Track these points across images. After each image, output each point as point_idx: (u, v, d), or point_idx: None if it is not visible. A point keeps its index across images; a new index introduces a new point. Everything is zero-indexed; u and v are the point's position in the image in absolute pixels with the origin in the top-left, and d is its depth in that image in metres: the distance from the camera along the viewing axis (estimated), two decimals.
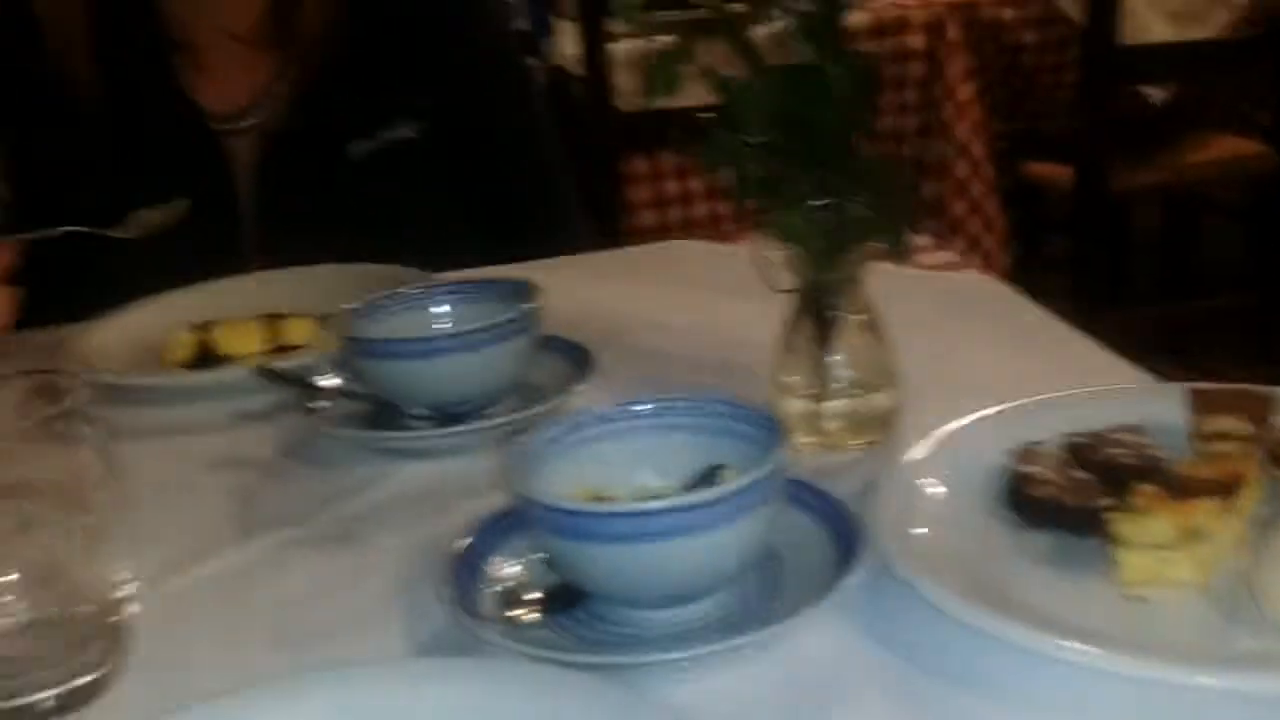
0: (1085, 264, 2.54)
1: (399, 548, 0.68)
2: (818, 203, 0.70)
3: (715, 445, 0.61)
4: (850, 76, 0.69)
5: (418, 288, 0.85)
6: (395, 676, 0.54)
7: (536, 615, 0.57)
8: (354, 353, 0.79)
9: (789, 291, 0.74)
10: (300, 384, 0.81)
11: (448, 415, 0.79)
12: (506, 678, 0.53)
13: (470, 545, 0.61)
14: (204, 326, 0.95)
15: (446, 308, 0.83)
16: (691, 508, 0.54)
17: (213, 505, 0.75)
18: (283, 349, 0.94)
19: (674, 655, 0.55)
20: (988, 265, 2.43)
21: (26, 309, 0.91)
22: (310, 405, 0.79)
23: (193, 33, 1.19)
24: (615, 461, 0.61)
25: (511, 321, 0.78)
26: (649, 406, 0.62)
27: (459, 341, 0.77)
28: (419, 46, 1.22)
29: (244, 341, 0.94)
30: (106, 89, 1.15)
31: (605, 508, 0.56)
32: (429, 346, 0.78)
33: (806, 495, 0.62)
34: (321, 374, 0.81)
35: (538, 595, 0.58)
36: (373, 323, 0.81)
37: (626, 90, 2.38)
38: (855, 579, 0.56)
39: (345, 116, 1.19)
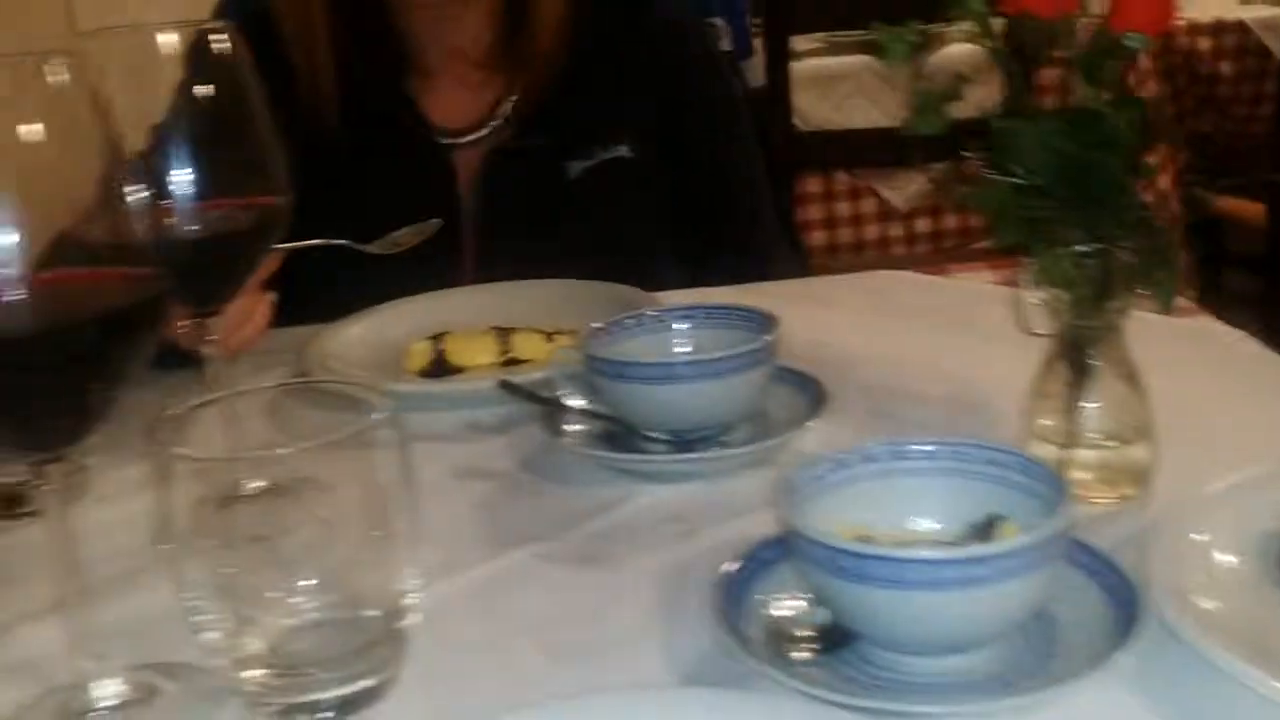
0: (1275, 302, 2.44)
1: (649, 570, 0.69)
2: (1087, 248, 0.69)
3: (991, 493, 0.60)
4: (1131, 120, 0.67)
5: (657, 310, 0.86)
6: (671, 703, 0.54)
7: (807, 652, 0.57)
8: (596, 373, 0.80)
9: (1046, 335, 0.73)
10: (544, 401, 0.83)
11: (684, 440, 0.80)
12: (781, 713, 0.53)
13: (736, 574, 0.62)
14: (438, 337, 0.98)
15: (686, 332, 0.84)
16: (978, 560, 0.54)
17: (461, 516, 0.77)
18: (512, 362, 0.96)
19: (950, 708, 0.54)
20: None
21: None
22: (556, 423, 0.81)
23: (427, 55, 1.24)
24: (885, 501, 0.61)
25: (755, 351, 0.78)
26: (923, 447, 0.62)
27: (703, 369, 0.78)
28: (636, 69, 1.25)
29: (476, 353, 0.97)
30: (345, 103, 1.20)
31: (889, 551, 0.56)
32: (672, 372, 0.79)
33: (1076, 551, 0.61)
34: (561, 391, 0.83)
35: (808, 632, 0.58)
36: (613, 343, 0.83)
37: (803, 109, 2.38)
38: (1138, 646, 0.55)
39: (565, 135, 1.22)
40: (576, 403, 0.82)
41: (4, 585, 0.72)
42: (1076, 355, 0.72)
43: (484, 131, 1.23)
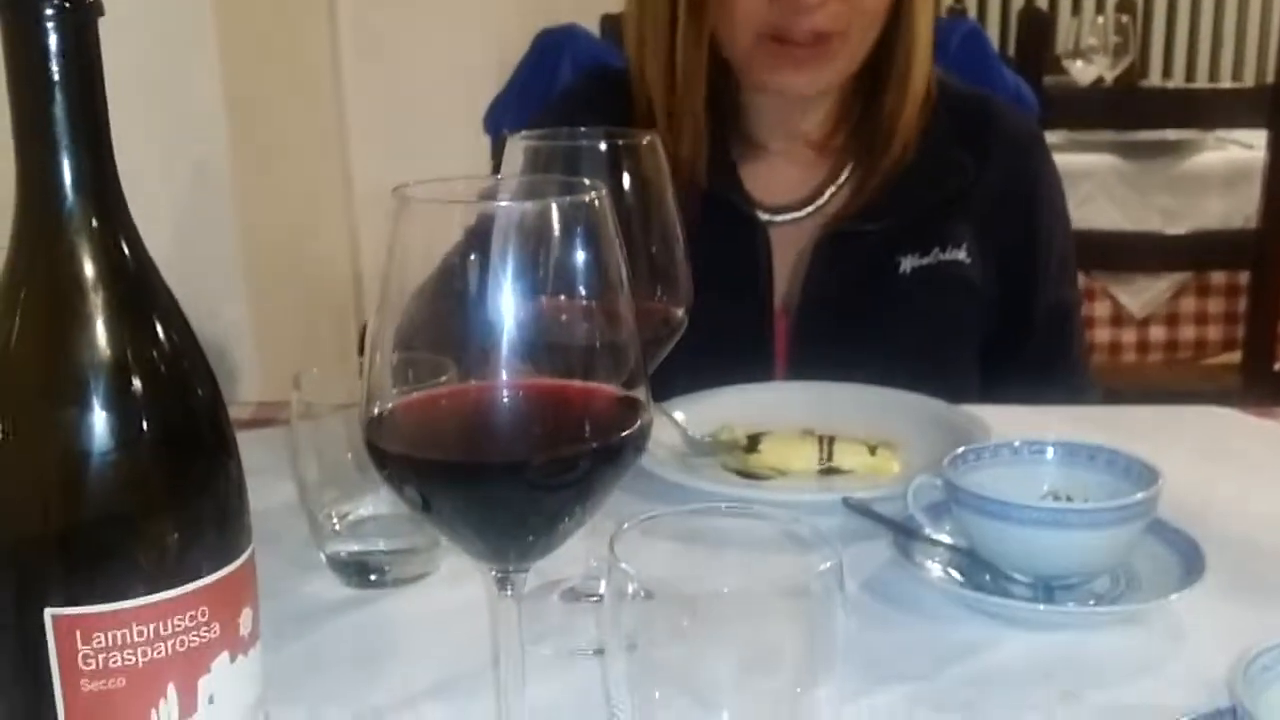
0: None
1: None
2: None
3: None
4: None
5: (1019, 441, 0.82)
6: None
7: None
8: (963, 505, 0.77)
9: None
10: (899, 528, 0.80)
11: (1046, 584, 0.77)
12: None
13: None
14: (756, 437, 0.97)
15: (1050, 470, 0.81)
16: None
17: None
18: (831, 471, 0.94)
19: None
20: None
21: None
22: (908, 549, 0.79)
23: (767, 132, 1.22)
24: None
25: (1142, 503, 0.74)
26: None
27: (1088, 518, 0.74)
28: (985, 179, 1.20)
29: (794, 458, 0.95)
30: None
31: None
32: (1059, 518, 0.75)
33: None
34: (914, 517, 0.80)
35: None
36: (971, 473, 0.80)
37: None
38: None
39: (905, 226, 1.18)
40: (941, 536, 0.79)
41: (371, 663, 0.73)
42: None
43: (808, 210, 1.21)
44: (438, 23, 2.49)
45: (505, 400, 0.50)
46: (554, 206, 0.48)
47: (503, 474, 0.49)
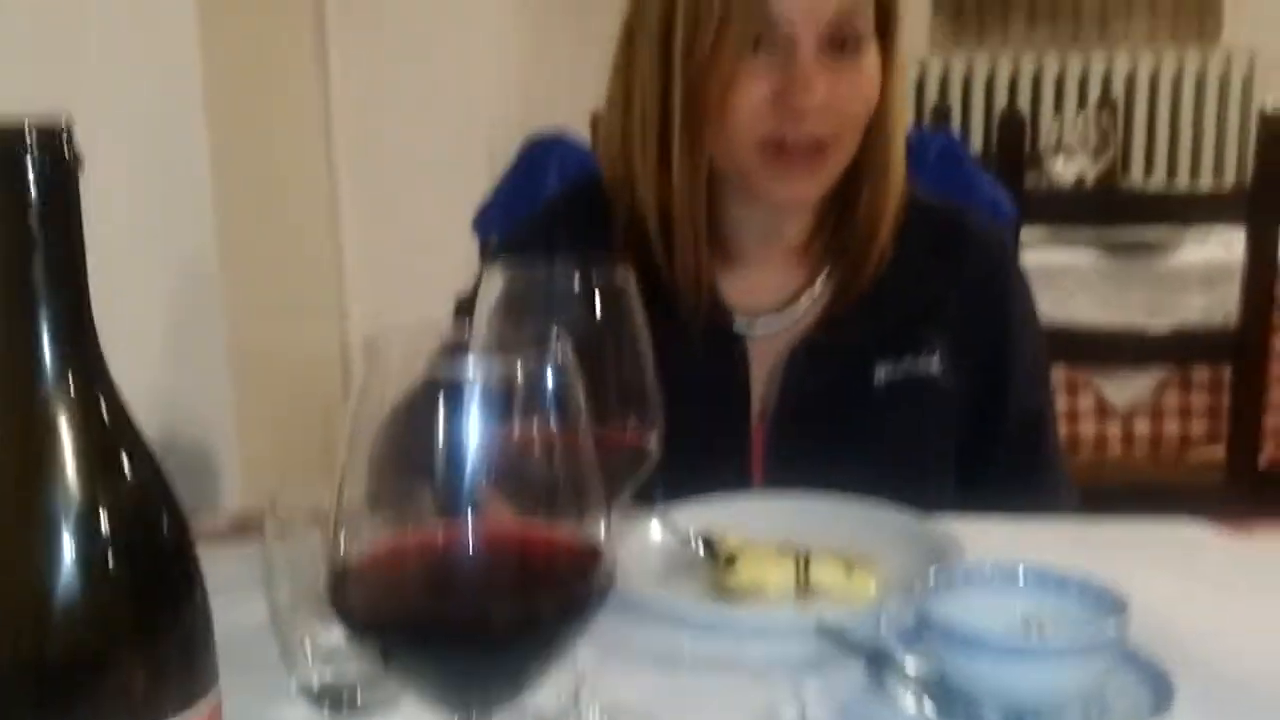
0: None
1: None
2: None
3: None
4: None
5: (990, 567, 0.83)
6: None
7: None
8: (936, 635, 0.78)
9: None
10: (871, 657, 0.80)
11: (1015, 714, 0.77)
12: None
13: None
14: (732, 558, 0.97)
15: (1019, 599, 0.81)
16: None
17: None
18: (807, 590, 0.95)
19: None
20: None
21: None
22: (880, 676, 0.79)
23: (748, 243, 1.23)
24: None
25: (1106, 638, 0.75)
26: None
27: (1061, 653, 0.75)
28: (957, 286, 1.23)
29: (770, 575, 0.95)
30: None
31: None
32: (1031, 652, 0.75)
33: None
34: (887, 643, 0.80)
35: None
36: (942, 600, 0.80)
37: None
38: None
39: (877, 336, 1.20)
40: (912, 666, 0.79)
41: None
42: None
43: (783, 319, 1.22)
44: (431, 120, 2.54)
45: (467, 559, 0.50)
46: (519, 366, 0.49)
47: (464, 635, 0.49)
